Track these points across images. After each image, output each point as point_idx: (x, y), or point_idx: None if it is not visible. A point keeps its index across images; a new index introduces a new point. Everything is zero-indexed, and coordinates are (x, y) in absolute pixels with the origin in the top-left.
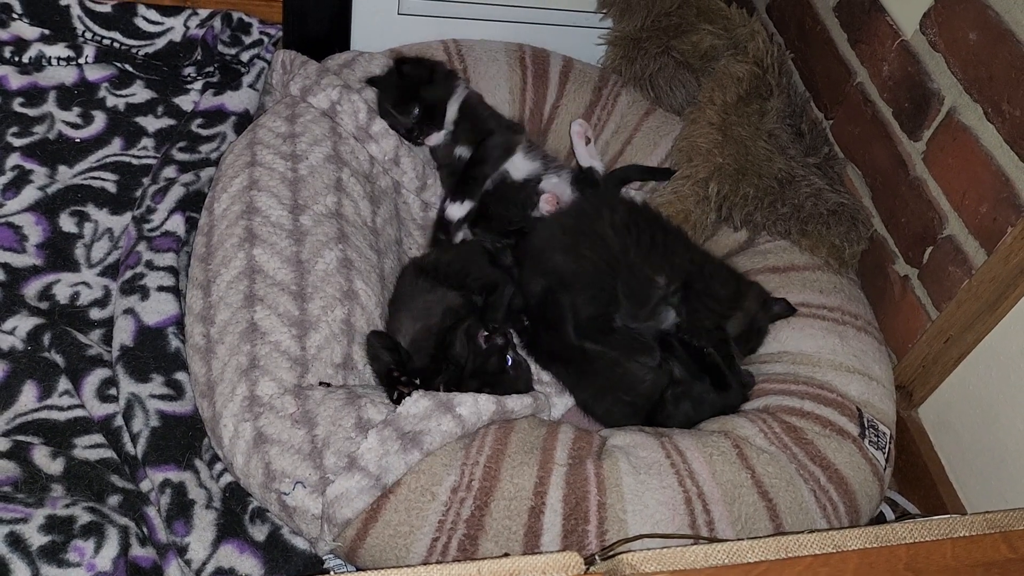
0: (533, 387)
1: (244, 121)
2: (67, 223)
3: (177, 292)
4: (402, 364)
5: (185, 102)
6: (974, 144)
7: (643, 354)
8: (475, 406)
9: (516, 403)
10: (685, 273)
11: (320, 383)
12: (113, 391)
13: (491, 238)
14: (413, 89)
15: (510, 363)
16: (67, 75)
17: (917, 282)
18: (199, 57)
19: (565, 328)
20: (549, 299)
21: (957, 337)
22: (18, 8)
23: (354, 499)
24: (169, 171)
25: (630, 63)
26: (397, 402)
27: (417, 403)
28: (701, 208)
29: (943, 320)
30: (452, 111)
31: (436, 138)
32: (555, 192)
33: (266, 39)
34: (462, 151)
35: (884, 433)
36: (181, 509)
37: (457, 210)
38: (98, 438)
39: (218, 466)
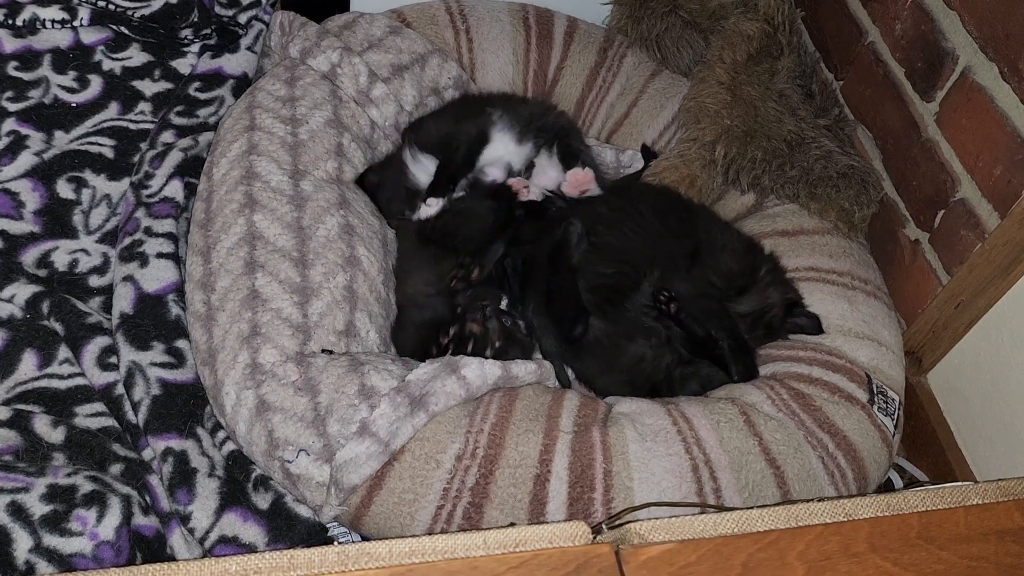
0: (530, 352)
1: (242, 84)
2: (64, 189)
3: (177, 259)
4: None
5: (182, 65)
6: (989, 104)
7: (644, 336)
8: (480, 369)
9: (521, 369)
10: (695, 243)
11: (322, 350)
12: (113, 359)
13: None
14: None
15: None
16: (62, 38)
17: (928, 246)
18: (196, 19)
19: (563, 305)
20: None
21: (968, 302)
22: None
23: (362, 465)
24: (167, 136)
25: (636, 23)
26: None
27: (425, 367)
28: (707, 172)
29: (954, 285)
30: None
31: (427, 210)
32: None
33: (264, 0)
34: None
35: (893, 399)
36: (183, 478)
37: (426, 211)
38: (99, 406)
39: (220, 434)
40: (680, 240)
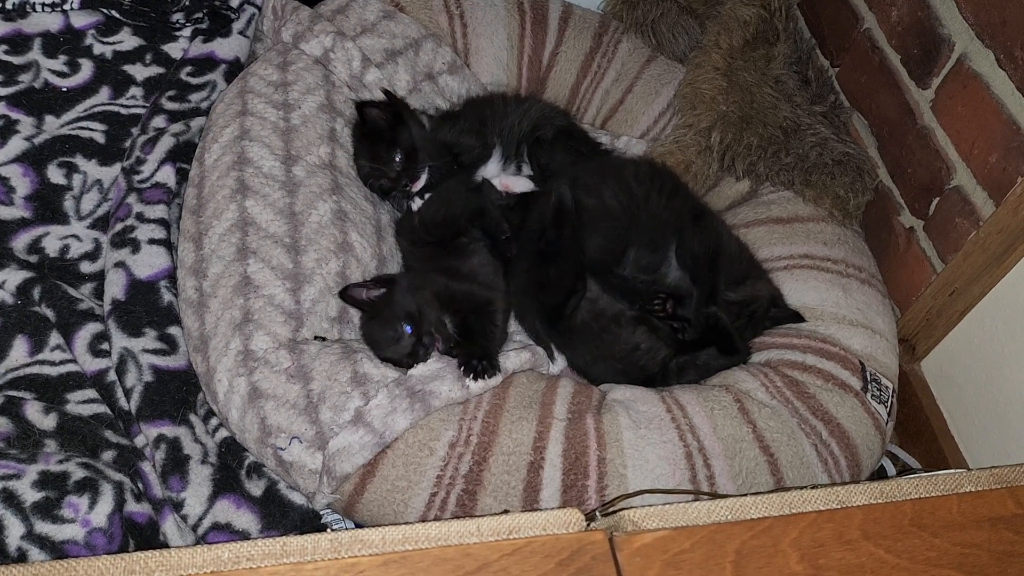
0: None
1: (235, 69)
2: (55, 174)
3: (169, 245)
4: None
5: (174, 50)
6: (984, 92)
7: (617, 322)
8: (485, 384)
9: (514, 362)
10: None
11: (315, 337)
12: (105, 346)
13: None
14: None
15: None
16: (52, 22)
17: (923, 234)
18: (187, 3)
19: (555, 291)
20: (544, 259)
21: (963, 290)
22: None
23: (355, 454)
24: (159, 121)
25: (632, 8)
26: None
27: (429, 364)
28: (703, 159)
29: (948, 273)
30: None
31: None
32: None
33: None
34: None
35: (887, 387)
36: (176, 464)
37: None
38: (91, 393)
39: (213, 421)
40: (668, 206)
